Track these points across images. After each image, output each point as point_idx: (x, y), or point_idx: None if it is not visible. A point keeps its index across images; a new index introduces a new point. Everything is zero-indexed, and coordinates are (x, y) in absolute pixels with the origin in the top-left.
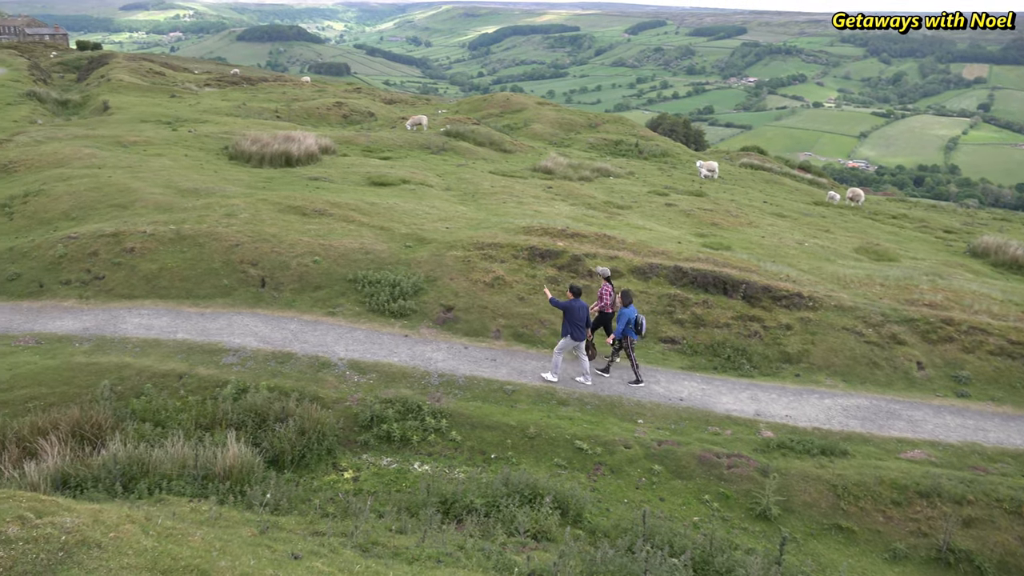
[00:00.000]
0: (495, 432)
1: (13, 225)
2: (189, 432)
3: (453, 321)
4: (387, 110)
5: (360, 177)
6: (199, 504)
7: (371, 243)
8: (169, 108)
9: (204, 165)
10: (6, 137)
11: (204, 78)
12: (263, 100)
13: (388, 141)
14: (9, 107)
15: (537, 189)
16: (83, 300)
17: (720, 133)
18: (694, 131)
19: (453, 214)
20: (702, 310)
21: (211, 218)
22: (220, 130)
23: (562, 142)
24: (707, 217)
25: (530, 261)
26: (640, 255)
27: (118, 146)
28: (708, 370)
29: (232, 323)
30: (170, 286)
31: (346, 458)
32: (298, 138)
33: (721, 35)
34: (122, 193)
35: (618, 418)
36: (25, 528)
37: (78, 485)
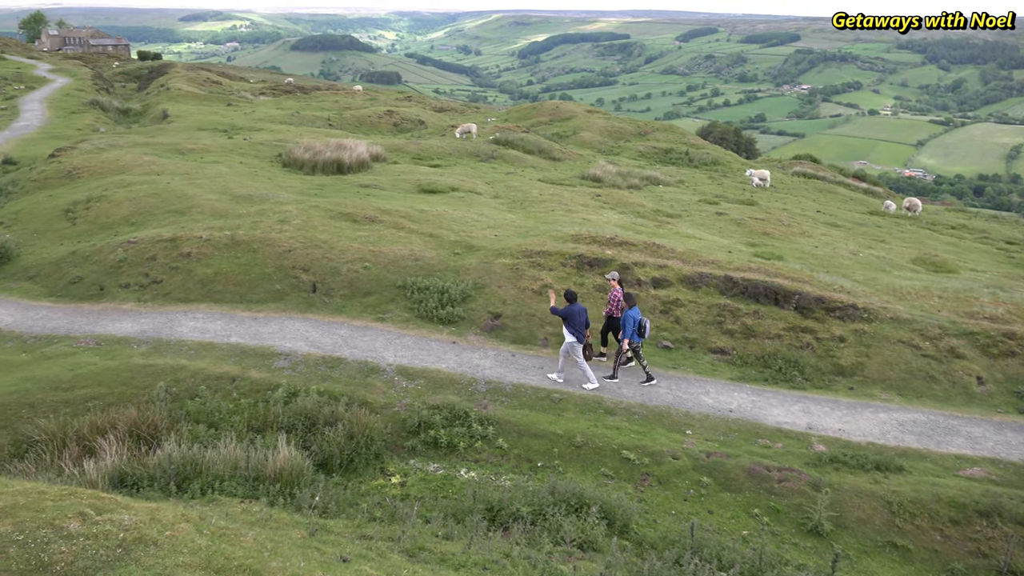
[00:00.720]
0: (542, 440)
1: (76, 230)
2: (241, 434)
3: (501, 328)
4: (437, 118)
5: (410, 184)
6: (250, 505)
7: (420, 250)
8: (225, 116)
9: (258, 172)
10: (70, 144)
11: (259, 87)
12: (316, 108)
13: (438, 149)
14: (74, 115)
15: (586, 197)
16: (141, 303)
17: (772, 141)
18: (745, 139)
19: (502, 222)
20: (753, 320)
21: (265, 224)
22: (274, 138)
23: (611, 150)
24: (758, 226)
25: (578, 269)
26: (690, 264)
27: (176, 153)
28: (758, 382)
29: (284, 328)
30: (224, 290)
31: (393, 463)
32: (349, 146)
33: (774, 42)
34: (180, 199)
35: (666, 428)
36: (86, 524)
37: (134, 483)
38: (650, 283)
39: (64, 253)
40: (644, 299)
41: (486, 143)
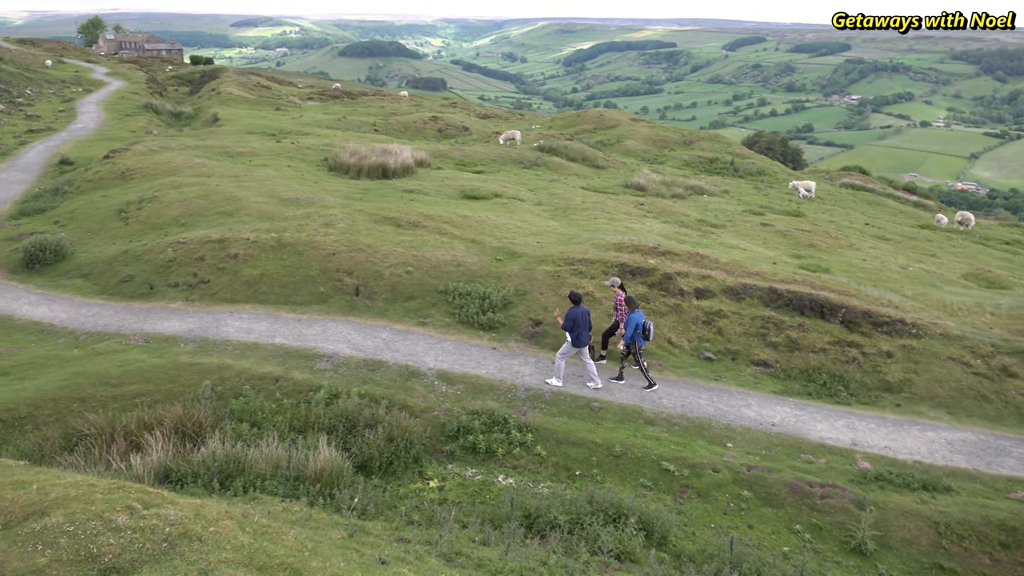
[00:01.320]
0: (580, 449)
1: (128, 229)
2: (283, 434)
3: (541, 336)
4: (481, 125)
5: (453, 190)
6: (291, 504)
7: (463, 255)
8: (274, 120)
9: (305, 176)
10: (124, 146)
11: (307, 92)
12: (362, 114)
13: (482, 155)
14: (128, 118)
15: (629, 206)
16: (189, 303)
17: (819, 152)
18: (792, 149)
19: (544, 229)
20: (797, 333)
21: (310, 227)
22: (321, 142)
23: (655, 159)
24: (804, 238)
25: (620, 278)
26: (733, 275)
27: (226, 156)
28: (802, 396)
29: (327, 330)
30: (270, 292)
31: (432, 467)
32: (394, 151)
33: (823, 51)
34: (228, 201)
35: (706, 440)
36: (133, 518)
37: (179, 479)
38: (693, 293)
39: (116, 252)
40: (686, 309)
41: (530, 150)
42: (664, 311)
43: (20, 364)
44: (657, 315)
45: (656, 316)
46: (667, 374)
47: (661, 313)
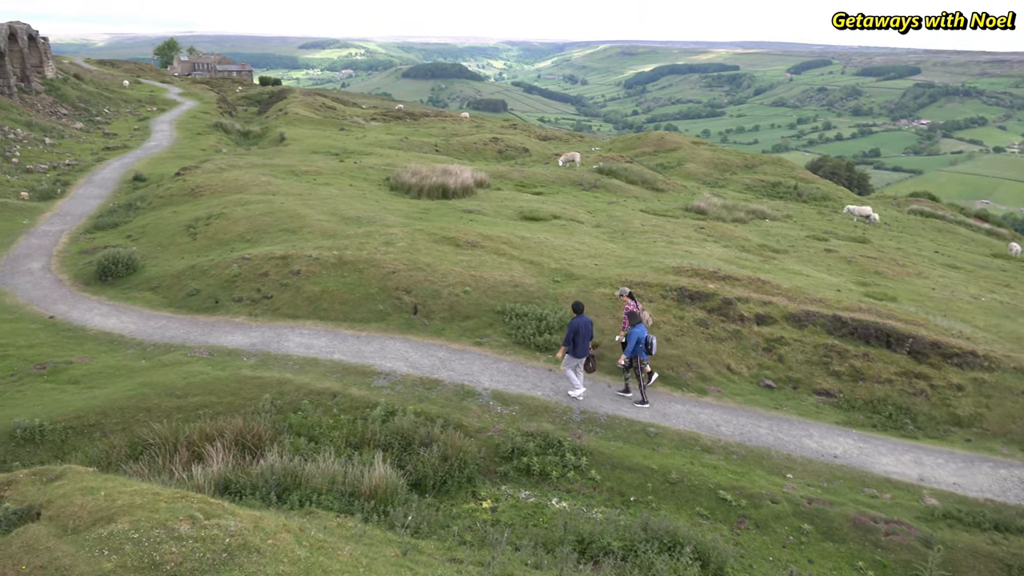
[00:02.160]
0: (635, 474)
1: (196, 244)
2: (339, 449)
3: (598, 358)
4: (541, 146)
5: (512, 211)
6: (345, 520)
7: (520, 276)
8: (338, 140)
9: (367, 195)
10: (195, 164)
11: (371, 112)
12: (424, 134)
13: (541, 177)
14: (199, 136)
15: (689, 229)
16: (252, 317)
17: (886, 177)
18: (858, 174)
19: (602, 251)
20: (862, 363)
21: (371, 245)
22: (383, 162)
23: (716, 182)
24: (870, 265)
25: (679, 302)
26: (796, 302)
27: (291, 175)
28: (866, 427)
29: (385, 347)
30: (330, 308)
31: (485, 488)
32: (455, 172)
33: (891, 75)
34: (292, 219)
35: (765, 470)
36: (195, 527)
37: (238, 491)
38: (753, 319)
39: (184, 266)
40: (746, 336)
41: (589, 172)
42: (723, 337)
43: (91, 373)
44: (716, 341)
45: (715, 342)
46: (725, 401)
47: (720, 339)
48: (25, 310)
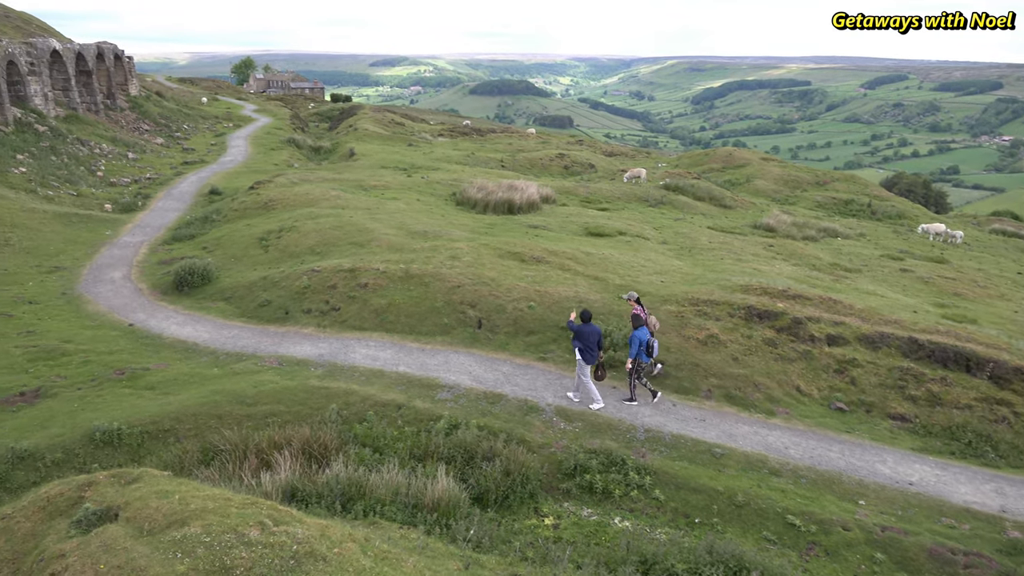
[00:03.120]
0: (700, 495)
1: (268, 257)
2: (403, 461)
3: (663, 376)
4: (607, 162)
5: (577, 227)
6: (408, 531)
7: (585, 292)
8: (406, 155)
9: (433, 209)
10: (268, 178)
11: (438, 128)
12: (490, 150)
13: (606, 193)
14: (272, 152)
15: (757, 247)
16: (320, 328)
17: (966, 195)
18: (935, 192)
19: (668, 268)
20: (939, 387)
21: (437, 260)
22: (449, 177)
23: (786, 199)
24: (948, 286)
25: (747, 321)
26: (869, 323)
27: (360, 189)
28: (943, 454)
29: (449, 361)
30: (396, 321)
31: (548, 504)
32: (520, 187)
33: (971, 90)
34: (361, 232)
35: (836, 496)
36: (264, 533)
37: (304, 499)
38: (824, 340)
39: (256, 278)
40: (817, 356)
41: (655, 188)
42: (793, 357)
43: (166, 380)
44: (785, 361)
45: (784, 362)
46: (794, 423)
47: (789, 359)
48: (106, 317)
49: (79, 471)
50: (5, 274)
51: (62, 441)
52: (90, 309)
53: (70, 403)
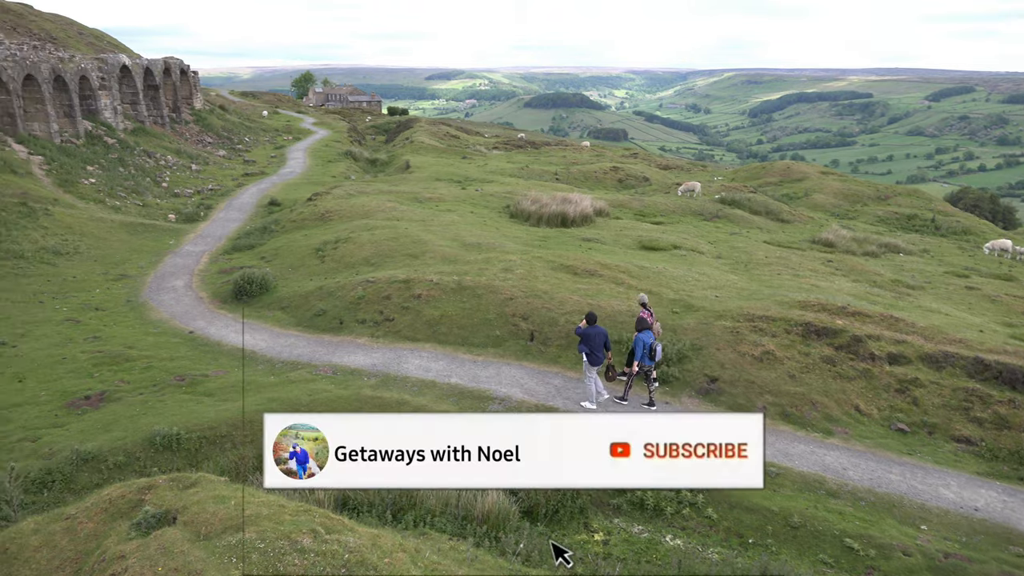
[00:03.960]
0: (754, 515)
1: (324, 267)
2: None
3: (716, 393)
4: (661, 175)
5: (631, 240)
6: (458, 543)
7: (638, 307)
8: (460, 168)
9: (487, 222)
10: (325, 190)
11: (493, 141)
12: (544, 163)
13: (661, 206)
14: (330, 164)
15: (815, 262)
16: (374, 339)
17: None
18: (1003, 207)
19: (723, 282)
20: (1007, 410)
21: (490, 272)
22: (503, 190)
23: (846, 214)
24: (1018, 305)
25: (804, 338)
26: (932, 342)
27: (415, 201)
28: (1012, 480)
29: (500, 373)
30: (448, 332)
31: (598, 520)
32: (574, 200)
33: None
34: (415, 244)
35: (896, 520)
36: (316, 541)
37: (355, 507)
38: (885, 359)
39: (312, 288)
40: (877, 375)
41: (711, 202)
42: (852, 376)
43: (224, 387)
44: (844, 380)
45: (843, 381)
46: (853, 443)
47: (848, 378)
48: (168, 324)
49: (139, 474)
50: (75, 281)
51: (124, 444)
52: (153, 316)
53: (132, 407)
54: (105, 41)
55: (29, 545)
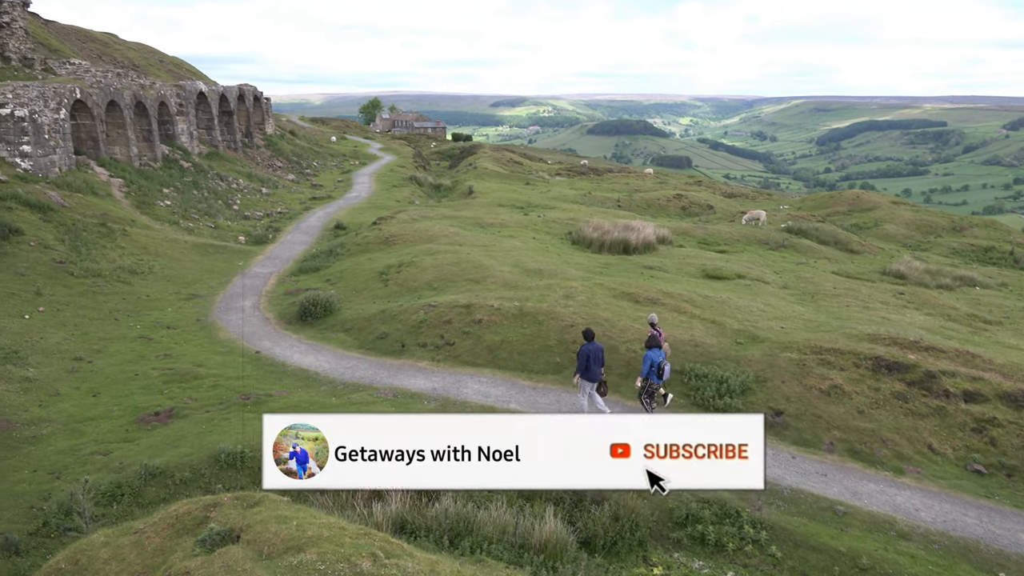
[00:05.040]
0: (820, 555)
1: (387, 290)
2: (511, 499)
3: (781, 427)
4: (726, 203)
5: (694, 269)
6: (514, 572)
7: (701, 336)
8: (523, 194)
9: (548, 248)
10: (390, 214)
11: (555, 168)
12: (606, 190)
13: (725, 234)
14: (395, 188)
15: (886, 294)
16: (435, 363)
17: None
18: None
19: (789, 313)
20: None
21: (551, 298)
22: (565, 216)
23: (918, 245)
24: None
25: (874, 372)
26: (1012, 379)
27: (477, 227)
28: None
29: (560, 400)
30: (508, 358)
31: (656, 553)
32: (637, 227)
33: None
34: (476, 269)
35: (972, 566)
36: (376, 565)
37: (413, 531)
38: (960, 396)
39: (375, 311)
40: (952, 413)
41: (776, 231)
42: (925, 413)
43: (287, 406)
44: (916, 417)
45: (915, 418)
46: (926, 484)
47: (921, 415)
48: (236, 344)
49: (204, 491)
50: (148, 300)
51: (190, 461)
52: (221, 336)
53: (199, 425)
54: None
55: (99, 558)
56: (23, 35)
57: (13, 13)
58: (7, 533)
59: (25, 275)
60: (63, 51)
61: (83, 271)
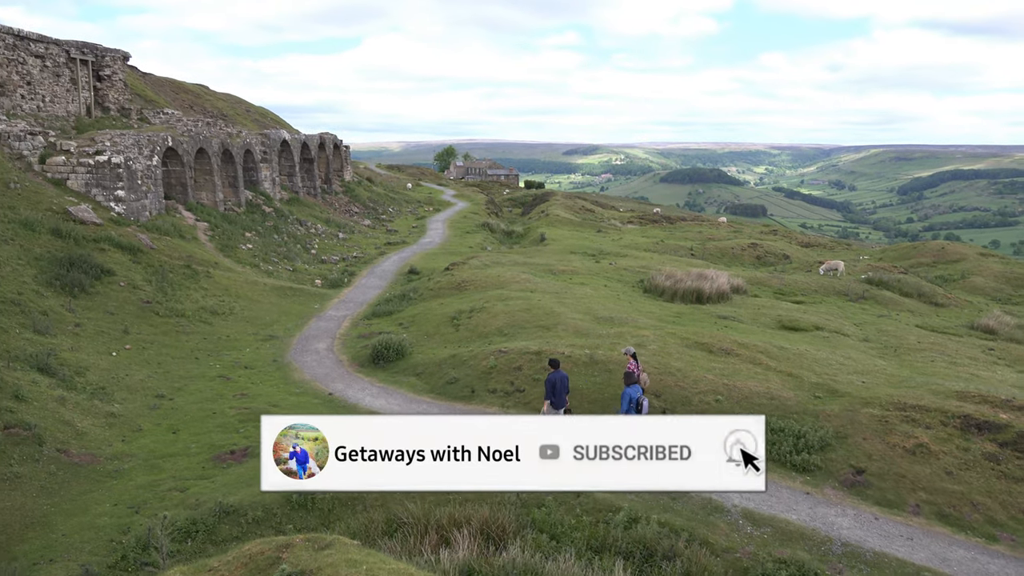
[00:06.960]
0: None
1: (458, 335)
2: (580, 552)
3: (863, 486)
4: (802, 253)
5: (770, 319)
6: None
7: (777, 389)
8: (594, 241)
9: (620, 296)
10: (462, 260)
11: (627, 215)
12: (679, 238)
13: (802, 285)
14: (467, 235)
15: (975, 350)
16: (504, 409)
17: None
18: None
19: (870, 367)
20: None
21: (622, 346)
22: (637, 264)
23: (1009, 299)
24: None
25: (963, 431)
26: None
27: (548, 274)
28: None
29: None
30: (578, 406)
31: None
32: (710, 276)
33: None
34: (547, 316)
35: None
36: None
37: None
38: None
39: (446, 355)
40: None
41: (856, 282)
42: (1019, 476)
43: None
44: (1010, 480)
45: (1008, 481)
46: (1021, 552)
47: (1015, 478)
48: (309, 385)
49: (276, 530)
50: (228, 340)
51: (263, 500)
52: (296, 377)
53: None
54: (269, 118)
55: None
56: (122, 87)
57: (114, 67)
58: (87, 565)
59: (114, 314)
60: (158, 101)
61: (168, 311)
